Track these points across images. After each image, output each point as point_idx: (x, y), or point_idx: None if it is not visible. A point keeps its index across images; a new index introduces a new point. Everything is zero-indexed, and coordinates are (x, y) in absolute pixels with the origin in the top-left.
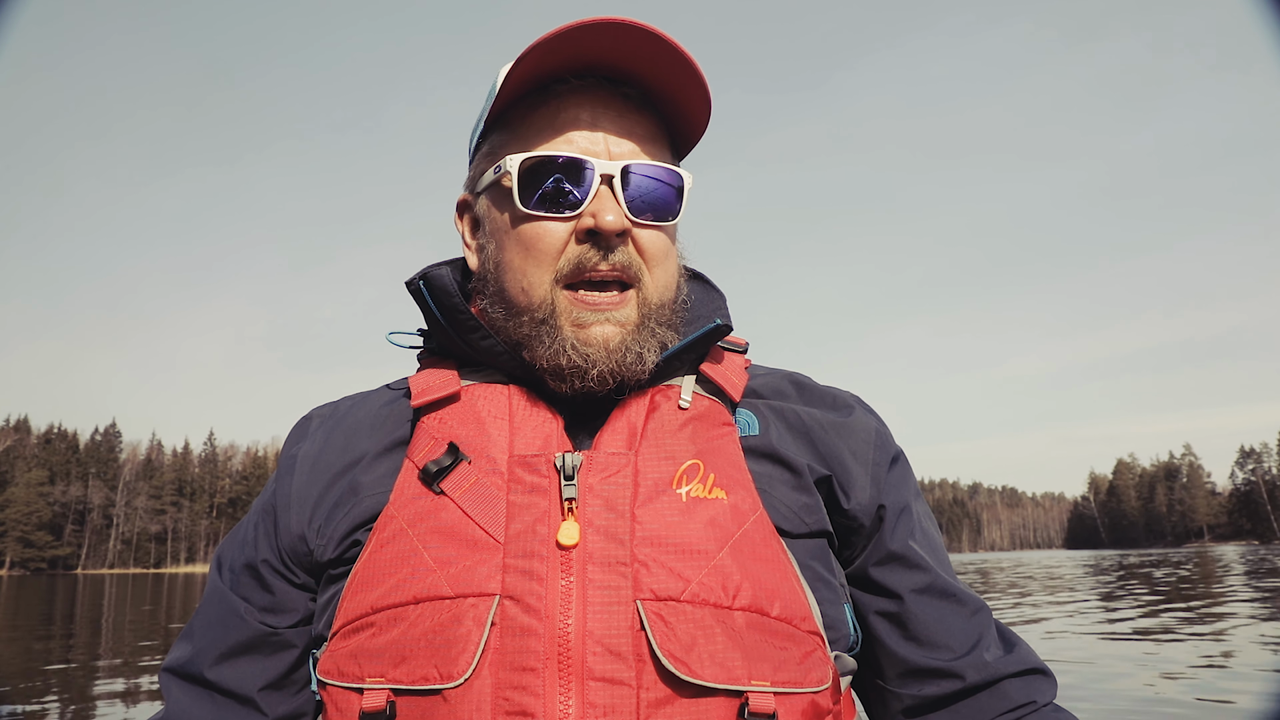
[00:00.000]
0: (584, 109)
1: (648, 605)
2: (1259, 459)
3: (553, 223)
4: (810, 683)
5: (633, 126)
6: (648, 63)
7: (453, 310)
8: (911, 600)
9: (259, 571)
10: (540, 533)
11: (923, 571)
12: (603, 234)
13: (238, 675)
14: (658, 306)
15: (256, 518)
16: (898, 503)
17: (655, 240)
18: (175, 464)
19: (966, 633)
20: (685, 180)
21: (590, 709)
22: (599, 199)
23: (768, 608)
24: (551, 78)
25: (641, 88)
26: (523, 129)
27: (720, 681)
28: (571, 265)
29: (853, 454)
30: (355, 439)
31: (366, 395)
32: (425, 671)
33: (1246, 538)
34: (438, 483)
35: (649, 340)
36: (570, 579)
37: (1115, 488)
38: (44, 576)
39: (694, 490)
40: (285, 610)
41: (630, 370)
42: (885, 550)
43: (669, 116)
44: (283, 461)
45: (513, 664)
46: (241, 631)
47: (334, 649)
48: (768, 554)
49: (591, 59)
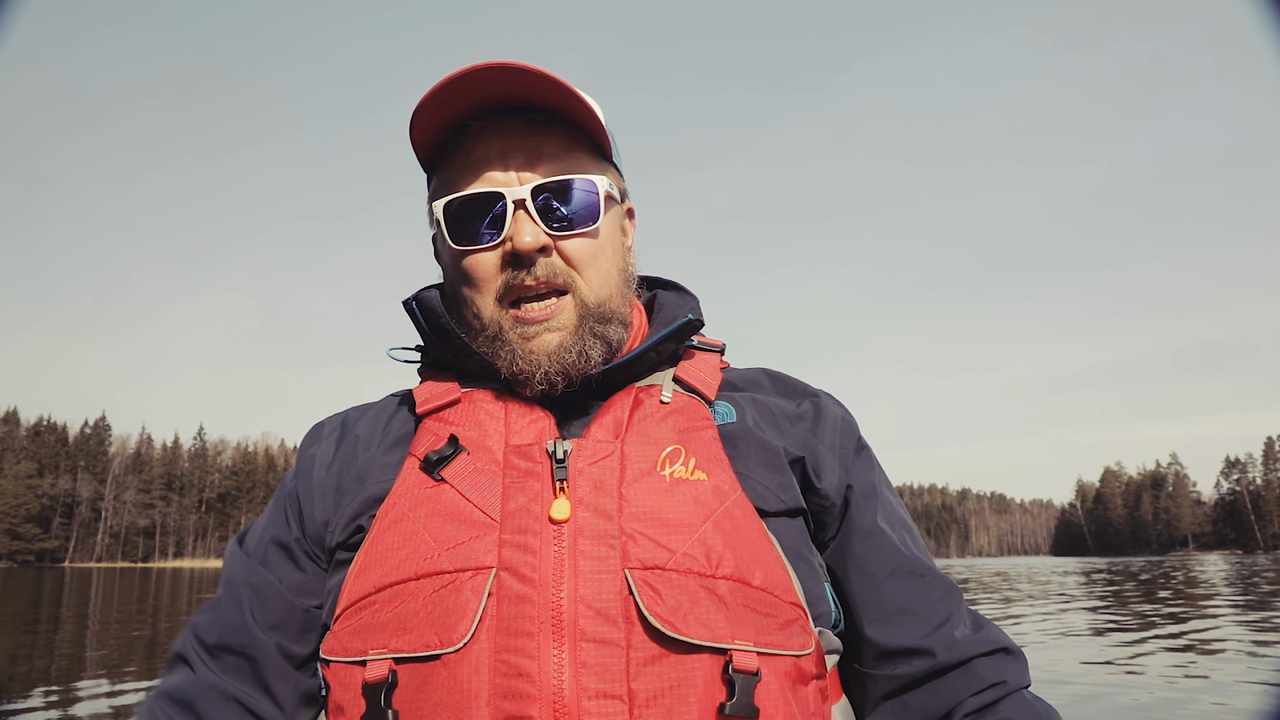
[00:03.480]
0: (493, 143)
1: (635, 573)
2: (1244, 469)
3: (482, 253)
4: (793, 646)
5: (540, 147)
6: (533, 91)
7: (441, 329)
8: (883, 580)
9: (291, 549)
10: (534, 510)
11: (892, 551)
12: (522, 254)
13: (273, 645)
14: (596, 304)
15: (282, 504)
16: (865, 484)
17: (580, 247)
18: (165, 458)
19: (936, 611)
20: (600, 185)
21: (582, 668)
22: (515, 223)
23: (749, 577)
24: (462, 117)
25: (543, 109)
26: (446, 173)
27: (705, 639)
28: (504, 286)
29: (822, 440)
30: (363, 438)
31: (371, 405)
32: (426, 639)
33: (1230, 547)
34: (438, 470)
35: (589, 338)
36: (562, 549)
37: (1102, 495)
38: (31, 569)
39: (677, 472)
40: (313, 593)
41: (575, 367)
42: (855, 529)
43: (581, 126)
44: (301, 461)
45: (509, 629)
46: (278, 606)
47: (338, 629)
48: (749, 529)
49: (490, 96)
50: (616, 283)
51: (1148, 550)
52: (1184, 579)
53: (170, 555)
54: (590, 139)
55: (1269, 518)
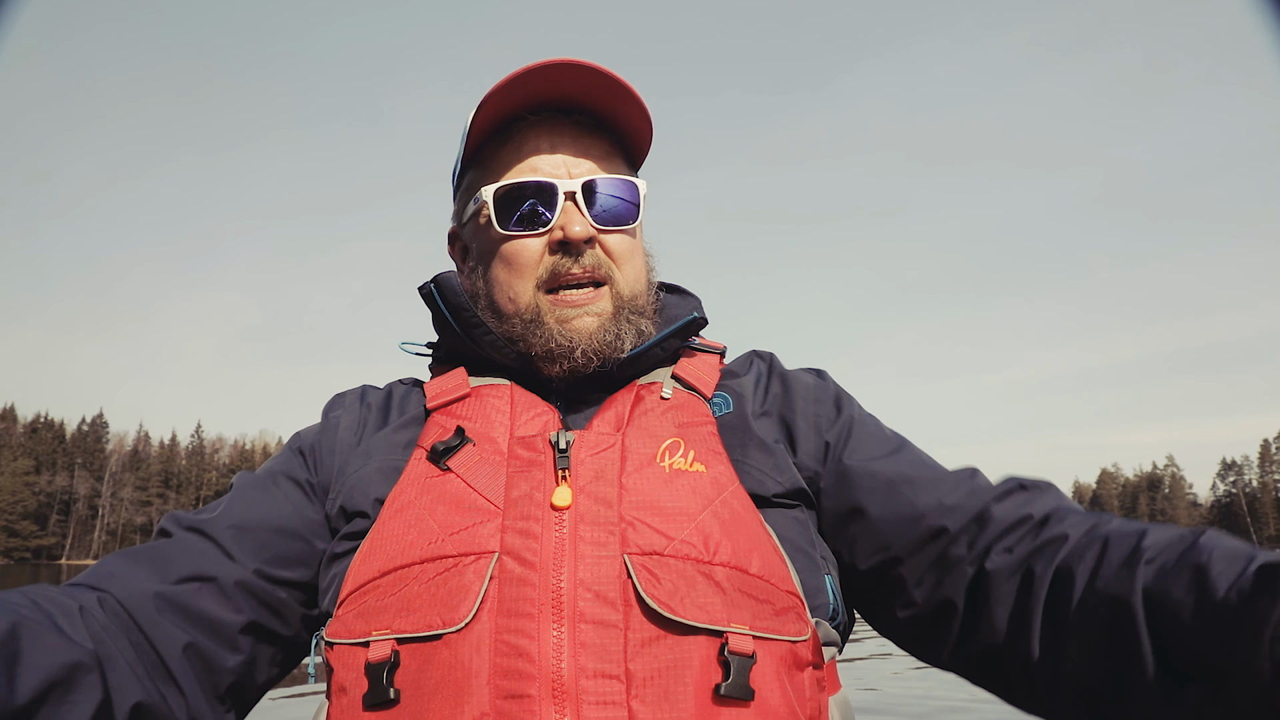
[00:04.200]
0: (542, 139)
1: (634, 558)
2: (1239, 471)
3: (529, 239)
4: (788, 632)
5: (588, 148)
6: (591, 92)
7: (459, 310)
8: (891, 503)
9: (301, 485)
10: (536, 498)
11: (891, 474)
12: (572, 242)
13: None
14: (630, 298)
15: (295, 449)
16: (842, 428)
17: (620, 242)
18: (162, 455)
19: (948, 488)
20: (640, 189)
21: (581, 648)
22: (566, 213)
23: (746, 565)
24: (511, 117)
25: (591, 114)
26: (493, 164)
27: (702, 621)
28: (549, 272)
29: (797, 411)
30: (376, 416)
31: (381, 388)
32: (428, 619)
33: None
34: (444, 460)
35: (624, 325)
36: (563, 534)
37: (1099, 497)
38: (28, 566)
39: (676, 463)
40: (311, 529)
41: (609, 349)
42: (842, 469)
43: (620, 134)
44: (325, 420)
45: (510, 610)
46: (282, 516)
47: (342, 614)
48: (746, 519)
49: (543, 96)
50: (645, 280)
51: None
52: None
53: None
54: (625, 149)
55: (1265, 519)
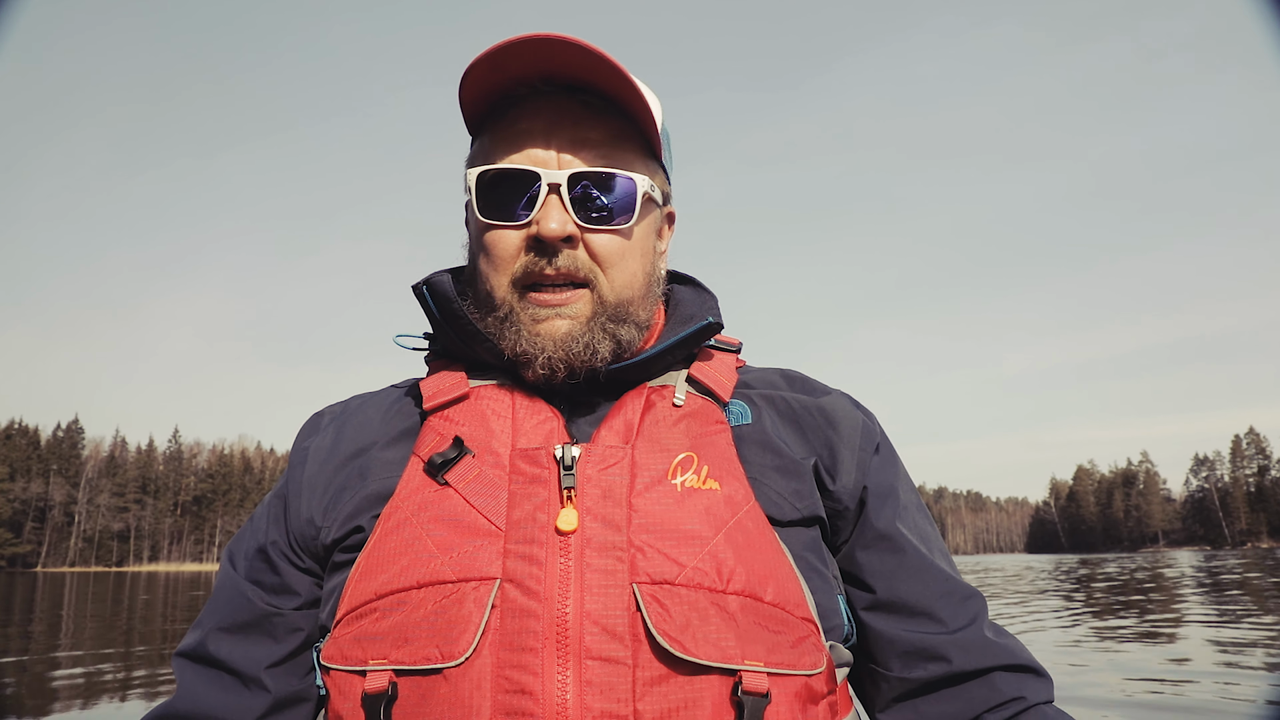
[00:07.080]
0: (540, 118)
1: (644, 588)
2: (1212, 467)
3: (507, 230)
4: (804, 665)
5: (589, 132)
6: (592, 71)
7: (452, 314)
8: (901, 583)
9: (268, 554)
10: (540, 520)
11: (913, 554)
12: (546, 241)
13: (244, 654)
14: (615, 304)
15: (267, 505)
16: (882, 485)
17: (608, 243)
18: (139, 461)
19: (957, 615)
20: (639, 184)
21: (587, 687)
22: (545, 208)
23: (761, 593)
24: (516, 85)
25: (601, 95)
26: (488, 139)
27: (714, 660)
28: (523, 270)
29: (841, 440)
30: (365, 429)
31: (374, 394)
32: (427, 652)
33: (1199, 543)
34: (442, 474)
35: (599, 334)
36: (569, 562)
37: (1075, 493)
38: (3, 574)
39: (689, 481)
40: (290, 592)
41: (578, 359)
42: (872, 531)
43: (634, 118)
44: (294, 454)
45: (512, 644)
46: (248, 612)
47: (338, 635)
48: (761, 542)
49: (549, 69)
50: (640, 286)
51: (1119, 547)
52: (1160, 575)
53: (145, 559)
54: (641, 134)
55: (1236, 514)
